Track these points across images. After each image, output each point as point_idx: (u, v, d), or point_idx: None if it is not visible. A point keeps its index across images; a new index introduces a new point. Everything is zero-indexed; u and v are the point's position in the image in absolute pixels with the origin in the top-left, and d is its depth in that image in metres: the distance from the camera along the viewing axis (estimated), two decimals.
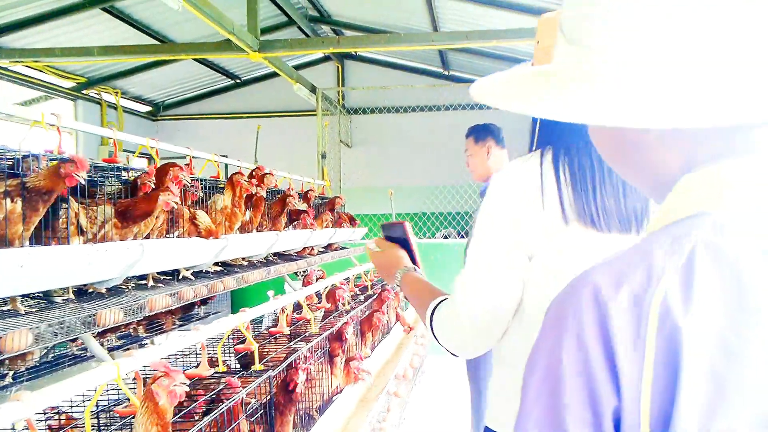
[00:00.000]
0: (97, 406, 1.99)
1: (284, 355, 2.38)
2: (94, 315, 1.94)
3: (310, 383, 2.39)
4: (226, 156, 4.19)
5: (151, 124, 11.02)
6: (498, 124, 4.06)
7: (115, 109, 9.64)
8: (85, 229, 2.37)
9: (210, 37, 7.58)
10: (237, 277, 3.11)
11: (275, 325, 3.06)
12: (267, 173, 3.40)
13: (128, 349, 3.94)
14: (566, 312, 0.64)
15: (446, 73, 10.47)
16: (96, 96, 9.40)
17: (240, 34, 5.89)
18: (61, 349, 3.62)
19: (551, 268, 1.29)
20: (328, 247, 5.13)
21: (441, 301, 1.42)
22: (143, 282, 2.76)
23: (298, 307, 3.37)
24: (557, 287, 1.29)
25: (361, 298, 4.06)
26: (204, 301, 4.33)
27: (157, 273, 2.92)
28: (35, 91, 8.35)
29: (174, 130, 10.83)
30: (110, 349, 3.69)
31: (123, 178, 2.64)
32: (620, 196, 1.27)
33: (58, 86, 8.64)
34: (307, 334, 2.83)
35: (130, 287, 2.57)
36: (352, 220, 5.10)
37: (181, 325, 4.18)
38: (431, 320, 1.41)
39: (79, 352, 3.29)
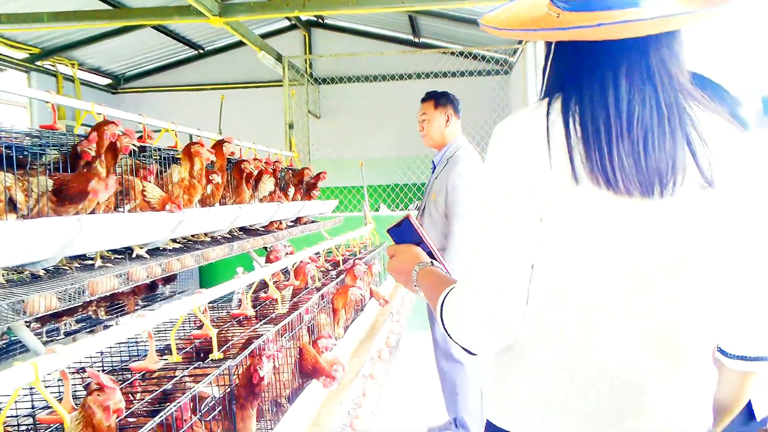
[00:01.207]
0: (33, 406, 1.73)
1: (247, 340, 2.14)
2: (22, 301, 1.68)
3: (277, 370, 2.16)
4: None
5: (112, 97, 10.57)
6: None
7: (73, 81, 9.19)
8: (19, 205, 2.10)
9: (169, 2, 7.19)
10: (196, 255, 2.86)
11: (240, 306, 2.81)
12: (224, 139, 3.14)
13: (92, 330, 3.69)
14: None
15: (417, 40, 10.18)
16: (51, 68, 8.93)
17: None
18: (12, 335, 3.35)
19: (558, 234, 1.10)
20: (297, 221, 4.89)
21: (453, 288, 1.20)
22: (91, 262, 2.50)
23: (264, 285, 3.13)
24: (563, 256, 1.10)
25: (333, 274, 3.82)
26: (170, 279, 4.07)
27: (108, 251, 2.66)
28: None
29: (136, 103, 10.38)
30: (67, 334, 3.45)
31: (63, 149, 2.37)
32: (641, 154, 1.08)
33: (9, 57, 8.17)
34: (273, 315, 2.59)
35: (73, 268, 2.30)
36: (313, 186, 4.85)
37: (144, 306, 3.93)
38: (441, 311, 1.20)
39: None
